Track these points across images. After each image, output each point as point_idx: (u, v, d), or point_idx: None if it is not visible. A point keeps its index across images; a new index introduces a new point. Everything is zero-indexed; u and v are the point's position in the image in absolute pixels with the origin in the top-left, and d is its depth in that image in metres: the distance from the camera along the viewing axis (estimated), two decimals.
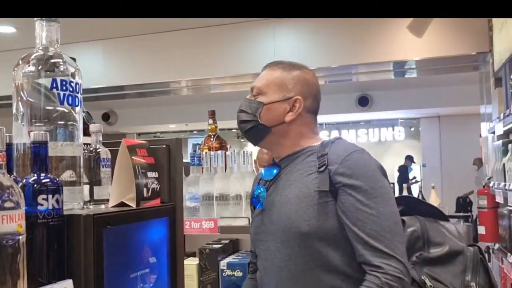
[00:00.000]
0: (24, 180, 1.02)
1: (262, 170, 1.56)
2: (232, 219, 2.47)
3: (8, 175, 0.96)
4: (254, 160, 4.71)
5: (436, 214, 1.50)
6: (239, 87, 5.98)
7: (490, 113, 4.32)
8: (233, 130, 12.95)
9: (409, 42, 4.65)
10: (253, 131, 1.46)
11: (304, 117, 1.47)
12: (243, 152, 2.57)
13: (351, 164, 1.32)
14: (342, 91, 8.98)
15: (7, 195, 0.92)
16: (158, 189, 1.36)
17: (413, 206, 1.50)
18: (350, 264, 1.31)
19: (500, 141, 3.42)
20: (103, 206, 1.29)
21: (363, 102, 9.33)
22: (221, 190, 2.50)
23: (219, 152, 2.58)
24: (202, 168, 2.58)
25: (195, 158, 2.61)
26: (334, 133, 11.40)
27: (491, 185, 3.71)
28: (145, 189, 1.30)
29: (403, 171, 10.18)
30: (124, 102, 9.99)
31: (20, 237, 0.94)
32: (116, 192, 1.28)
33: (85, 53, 5.69)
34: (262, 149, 4.83)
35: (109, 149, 1.32)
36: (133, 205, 1.26)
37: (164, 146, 1.41)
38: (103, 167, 1.29)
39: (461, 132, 9.80)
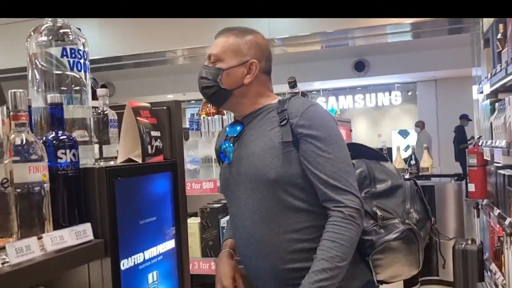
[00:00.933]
0: (44, 138, 1.17)
1: (226, 128, 1.72)
2: None
3: (32, 133, 1.11)
4: None
5: (378, 156, 1.71)
6: None
7: (480, 76, 4.44)
8: None
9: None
10: (216, 95, 1.59)
11: (260, 78, 1.61)
12: None
13: (309, 116, 1.50)
14: (338, 57, 9.05)
15: (32, 149, 1.07)
16: (161, 147, 1.51)
17: (359, 151, 1.70)
18: (314, 203, 1.50)
19: (488, 101, 3.55)
20: (112, 163, 1.44)
21: (360, 67, 9.40)
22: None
23: (216, 116, 2.72)
24: (201, 132, 2.73)
25: (194, 123, 2.75)
26: (331, 100, 11.49)
27: (480, 143, 3.87)
28: (149, 146, 1.45)
29: (461, 131, 9.71)
30: (121, 73, 10.06)
31: (45, 185, 1.09)
32: (123, 149, 1.43)
33: (82, 24, 5.75)
34: None
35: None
36: (139, 160, 1.41)
37: (164, 108, 1.55)
38: (110, 127, 1.44)
39: (457, 95, 9.91)
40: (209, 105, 3.13)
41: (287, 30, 4.98)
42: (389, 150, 6.47)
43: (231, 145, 1.62)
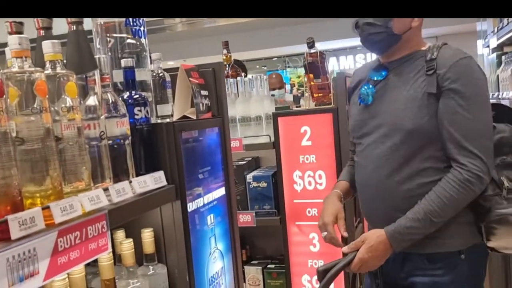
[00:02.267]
0: (120, 98, 1.35)
1: (370, 71, 1.70)
2: (255, 138, 2.82)
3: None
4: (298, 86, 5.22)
5: None
6: (233, 19, 6.16)
7: (485, 30, 4.58)
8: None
9: None
10: (385, 41, 1.58)
11: (418, 25, 1.60)
12: (260, 77, 2.89)
13: (458, 70, 1.47)
14: (337, 18, 9.10)
15: (117, 106, 1.26)
16: (209, 105, 1.70)
17: (504, 113, 1.61)
18: (441, 161, 1.52)
19: (494, 54, 3.72)
20: (168, 120, 1.63)
21: None
22: (243, 113, 2.84)
23: (239, 78, 2.89)
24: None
25: None
26: (332, 60, 11.59)
27: None
28: (201, 104, 1.63)
29: None
30: None
31: (129, 138, 1.28)
32: (179, 107, 1.62)
33: None
34: (272, 74, 5.24)
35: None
36: (193, 117, 1.60)
37: (210, 69, 1.73)
38: (166, 88, 1.62)
39: None
40: (227, 68, 3.30)
41: None
42: None
43: (373, 88, 1.64)
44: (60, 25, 1.38)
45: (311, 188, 2.77)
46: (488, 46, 4.04)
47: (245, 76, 3.31)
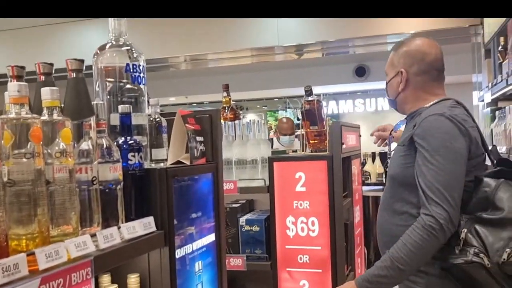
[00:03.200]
0: (115, 143, 1.36)
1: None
2: (249, 181, 2.83)
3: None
4: (274, 130, 5.13)
5: None
6: (238, 61, 6.27)
7: (481, 82, 4.66)
8: (232, 102, 13.21)
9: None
10: (390, 103, 1.88)
11: (415, 82, 1.75)
12: (258, 121, 2.91)
13: (424, 126, 1.61)
14: (339, 62, 9.25)
15: (111, 152, 1.27)
16: (204, 150, 1.71)
17: (509, 171, 1.59)
18: (417, 205, 1.60)
19: (489, 109, 3.77)
20: (162, 164, 1.64)
21: (360, 72, 9.59)
22: (239, 156, 2.85)
23: (237, 121, 2.92)
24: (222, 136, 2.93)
25: None
26: (332, 104, 11.70)
27: None
28: (195, 150, 1.65)
29: None
30: None
31: (121, 183, 1.29)
32: (173, 153, 1.63)
33: (87, 32, 5.93)
34: (282, 119, 5.24)
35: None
36: (187, 162, 1.61)
37: (207, 115, 1.75)
38: (162, 133, 1.63)
39: None
40: (226, 111, 3.33)
41: (293, 39, 5.19)
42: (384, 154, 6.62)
43: (391, 140, 1.92)
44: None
45: (303, 234, 2.75)
46: (483, 100, 4.10)
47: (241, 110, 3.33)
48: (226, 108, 3.35)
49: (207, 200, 1.71)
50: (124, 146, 1.35)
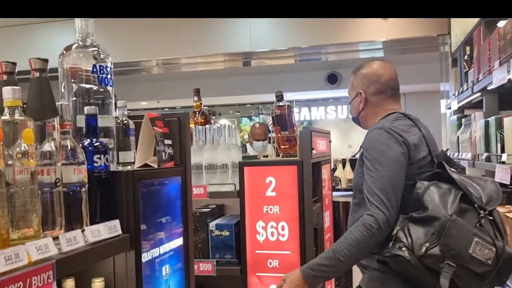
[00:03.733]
0: (80, 145, 1.34)
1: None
2: (220, 185, 2.82)
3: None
4: (248, 135, 5.11)
5: (454, 183, 1.70)
6: (211, 66, 6.26)
7: (448, 90, 4.77)
8: (205, 107, 13.14)
9: (376, 24, 5.05)
10: (355, 122, 2.11)
11: (373, 101, 1.98)
12: (229, 126, 2.91)
13: (367, 139, 1.86)
14: (311, 69, 9.34)
15: (76, 153, 1.24)
16: (172, 154, 1.70)
17: (445, 172, 1.76)
18: None
19: (455, 116, 3.86)
20: (129, 167, 1.62)
21: (332, 79, 9.69)
22: (209, 160, 2.84)
23: (207, 126, 2.91)
24: (191, 141, 2.91)
25: None
26: (304, 110, 11.79)
27: None
28: (163, 153, 1.63)
29: None
30: None
31: (86, 185, 1.27)
32: (141, 155, 1.61)
33: (59, 32, 5.84)
34: (255, 124, 5.22)
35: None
36: (155, 166, 1.59)
37: (176, 118, 1.74)
38: (130, 136, 1.61)
39: (425, 109, 10.34)
40: (196, 115, 3.32)
41: (265, 45, 5.22)
42: (354, 161, 6.72)
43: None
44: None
45: (273, 239, 2.75)
46: (450, 108, 4.19)
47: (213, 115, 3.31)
48: (197, 112, 3.33)
49: (175, 203, 1.70)
50: (90, 148, 1.33)
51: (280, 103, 2.87)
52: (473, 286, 1.61)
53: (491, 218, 1.64)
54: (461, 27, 3.88)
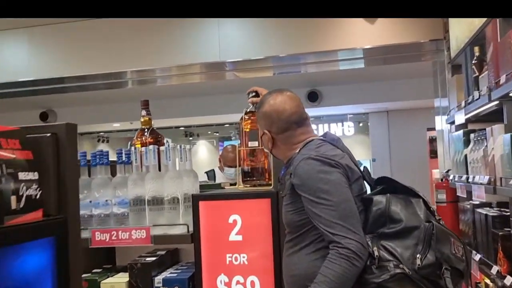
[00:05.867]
0: None
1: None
2: (168, 227, 2.05)
3: None
4: (219, 159, 4.29)
5: (409, 192, 1.67)
6: (186, 79, 5.53)
7: (446, 106, 4.07)
8: (181, 128, 12.41)
9: (357, 30, 4.35)
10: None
11: (281, 138, 1.78)
12: (180, 146, 2.15)
13: (298, 173, 1.65)
14: (292, 87, 8.64)
15: None
16: (38, 197, 0.93)
17: (391, 185, 1.70)
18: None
19: (461, 131, 3.16)
20: None
21: (313, 97, 9.08)
22: (153, 193, 2.07)
23: (151, 147, 2.14)
24: (132, 167, 2.15)
25: (123, 155, 2.16)
26: None
27: (450, 178, 3.46)
28: (13, 198, 0.86)
29: None
30: (63, 100, 9.25)
31: None
32: None
33: (10, 43, 5.07)
34: (228, 147, 4.38)
35: None
36: None
37: (48, 135, 0.97)
38: None
39: (408, 126, 9.74)
40: (145, 133, 2.56)
41: (238, 54, 4.49)
42: None
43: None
44: None
45: None
46: (452, 123, 3.50)
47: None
48: (146, 130, 2.57)
49: (42, 282, 0.92)
50: None
51: (252, 107, 2.12)
52: (456, 284, 1.56)
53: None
54: (465, 26, 3.20)
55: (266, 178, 2.11)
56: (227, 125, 11.79)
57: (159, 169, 2.16)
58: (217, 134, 13.15)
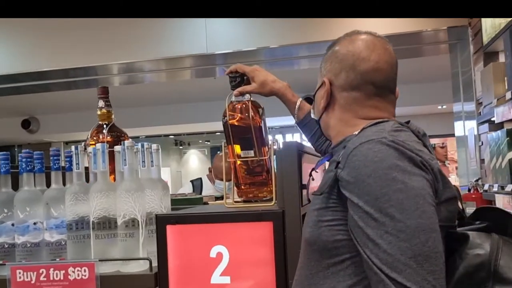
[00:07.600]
0: None
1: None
2: (122, 263, 1.36)
3: None
4: (209, 168, 3.70)
5: None
6: (175, 75, 4.86)
7: (472, 111, 3.40)
8: (171, 137, 11.74)
9: (354, 19, 3.68)
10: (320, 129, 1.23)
11: (341, 99, 1.13)
12: (142, 146, 1.46)
13: (353, 166, 0.95)
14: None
15: None
16: None
17: (501, 222, 1.04)
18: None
19: (504, 130, 2.51)
20: None
21: (308, 103, 8.52)
22: (102, 212, 1.38)
23: (99, 145, 1.44)
24: (73, 174, 1.46)
25: (61, 158, 1.48)
26: (278, 138, 10.54)
27: (486, 188, 2.81)
28: None
29: None
30: (46, 107, 8.57)
31: None
32: None
33: None
34: (220, 155, 3.70)
35: None
36: None
37: None
38: None
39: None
40: (104, 131, 1.87)
41: (228, 45, 3.82)
42: None
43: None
44: None
45: None
46: (485, 122, 2.85)
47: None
48: (105, 126, 1.90)
49: None
50: None
51: (241, 98, 1.47)
52: None
53: None
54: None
55: (266, 188, 1.44)
56: (218, 133, 11.16)
57: (113, 179, 1.48)
58: (208, 143, 12.47)
